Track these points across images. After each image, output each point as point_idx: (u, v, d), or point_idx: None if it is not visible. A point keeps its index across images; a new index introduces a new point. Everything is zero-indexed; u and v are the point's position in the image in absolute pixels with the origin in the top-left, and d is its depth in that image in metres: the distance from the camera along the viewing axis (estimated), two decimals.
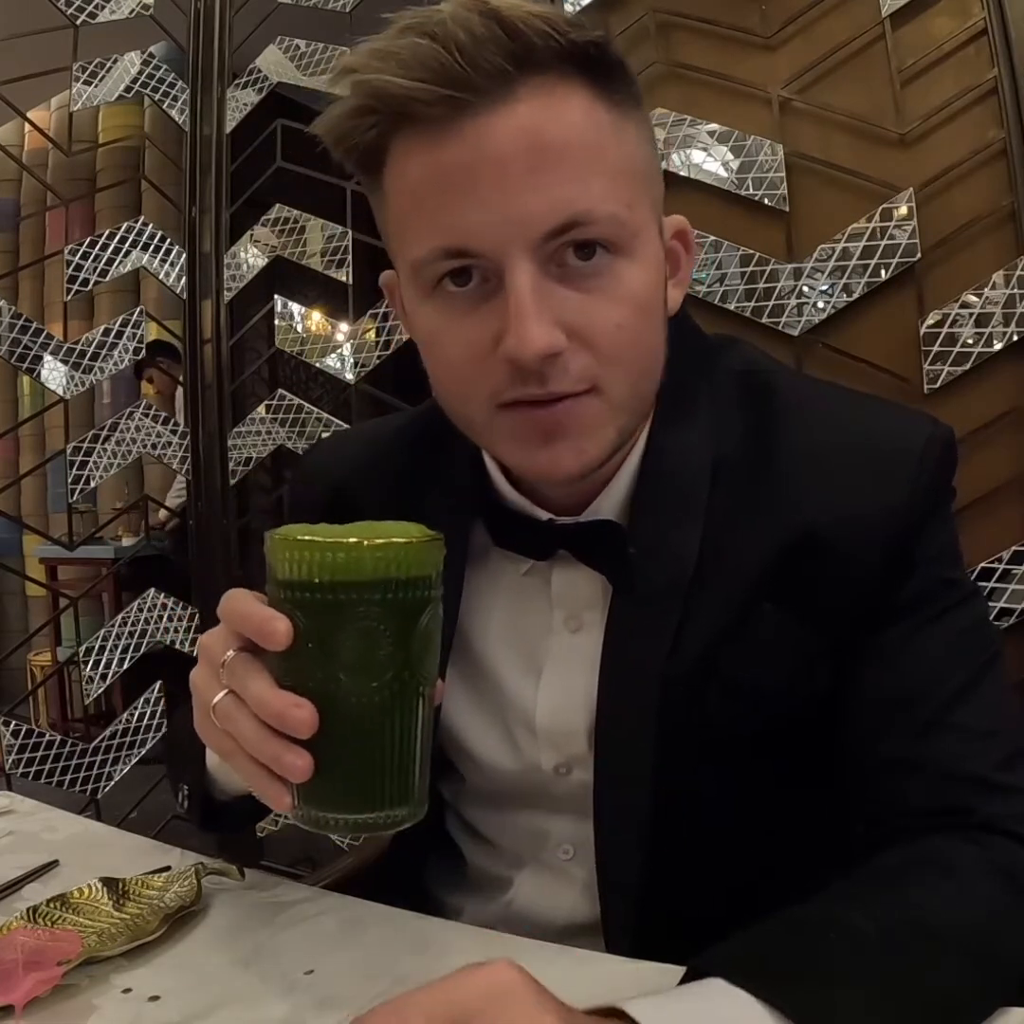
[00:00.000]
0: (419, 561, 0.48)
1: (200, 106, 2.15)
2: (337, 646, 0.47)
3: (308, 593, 0.47)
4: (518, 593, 0.70)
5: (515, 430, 0.58)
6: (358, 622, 0.47)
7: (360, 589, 0.46)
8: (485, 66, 0.52)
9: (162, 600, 2.16)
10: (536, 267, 0.55)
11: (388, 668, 0.47)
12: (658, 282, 0.60)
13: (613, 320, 0.57)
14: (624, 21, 1.70)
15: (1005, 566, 1.43)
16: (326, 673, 0.47)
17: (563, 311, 0.55)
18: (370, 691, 0.47)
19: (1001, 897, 0.54)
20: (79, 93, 2.14)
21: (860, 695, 0.63)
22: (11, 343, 2.09)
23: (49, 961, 0.55)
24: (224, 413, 2.13)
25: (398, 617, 0.47)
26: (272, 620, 0.47)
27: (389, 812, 0.49)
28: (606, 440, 0.60)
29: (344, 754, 0.48)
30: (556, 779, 0.70)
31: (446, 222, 0.55)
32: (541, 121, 0.53)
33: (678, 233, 0.65)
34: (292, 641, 0.47)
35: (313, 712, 0.47)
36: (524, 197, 0.53)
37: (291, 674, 0.48)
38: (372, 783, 0.48)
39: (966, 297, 1.46)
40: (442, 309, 0.58)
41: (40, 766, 2.03)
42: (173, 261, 2.17)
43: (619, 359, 0.58)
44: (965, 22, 1.46)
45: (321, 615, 0.47)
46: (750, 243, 1.59)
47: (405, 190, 0.57)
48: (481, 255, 0.55)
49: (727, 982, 0.43)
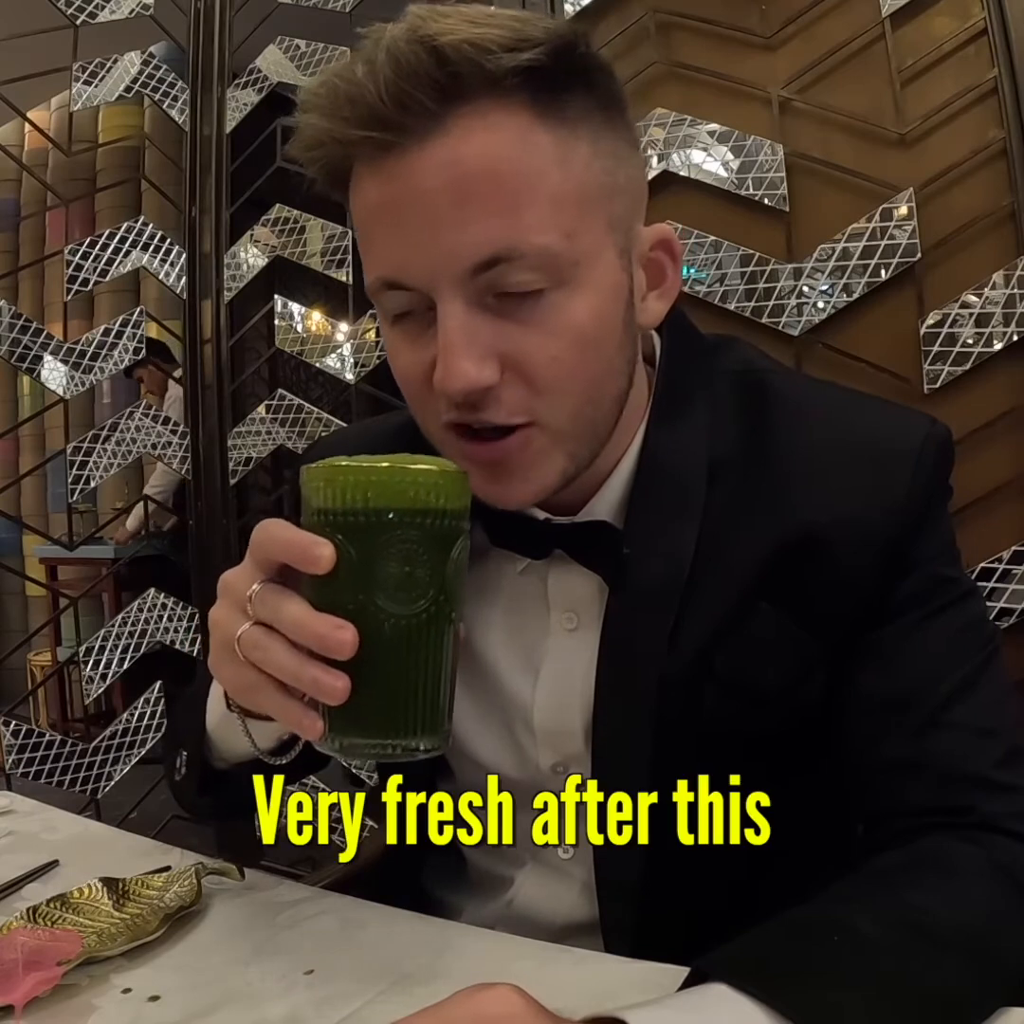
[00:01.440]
0: (455, 490, 0.49)
1: (200, 106, 2.15)
2: (377, 569, 0.48)
3: (350, 517, 0.48)
4: (515, 592, 0.70)
5: (463, 455, 0.59)
6: (398, 544, 0.48)
7: (401, 512, 0.48)
8: (411, 105, 0.52)
9: (162, 600, 2.16)
10: (468, 300, 0.55)
11: (425, 592, 0.48)
12: (609, 308, 0.58)
13: (548, 353, 0.56)
14: (624, 21, 1.70)
15: (1005, 566, 1.43)
16: (365, 596, 0.48)
17: (497, 343, 0.55)
18: (407, 614, 0.48)
19: (1001, 897, 0.54)
20: (79, 93, 2.14)
21: (858, 694, 0.63)
22: (11, 343, 2.09)
23: (49, 961, 0.55)
24: (224, 413, 2.13)
25: (436, 542, 0.49)
26: (316, 543, 0.48)
27: (417, 740, 0.49)
28: (555, 469, 0.60)
29: (378, 678, 0.49)
30: (554, 778, 0.70)
31: (383, 255, 0.56)
32: (467, 154, 0.52)
33: (661, 243, 0.62)
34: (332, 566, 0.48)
35: (355, 633, 0.47)
36: (449, 233, 0.53)
37: (326, 600, 0.49)
38: (403, 708, 0.49)
39: (966, 297, 1.46)
40: (397, 333, 0.60)
41: (40, 766, 2.03)
42: (173, 261, 2.17)
43: (556, 391, 0.57)
44: (965, 22, 1.46)
45: (363, 538, 0.48)
46: (750, 243, 1.59)
47: (358, 217, 0.58)
48: (414, 288, 0.56)
49: (729, 987, 0.43)
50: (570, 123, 0.55)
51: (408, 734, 0.49)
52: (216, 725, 0.65)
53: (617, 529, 0.65)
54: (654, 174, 1.66)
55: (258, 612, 0.50)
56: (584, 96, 0.56)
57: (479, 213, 0.53)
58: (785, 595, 0.63)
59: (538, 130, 0.54)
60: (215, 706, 0.65)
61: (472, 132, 0.53)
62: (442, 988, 0.44)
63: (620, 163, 0.59)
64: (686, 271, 1.64)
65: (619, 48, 1.71)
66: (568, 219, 0.55)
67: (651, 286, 0.63)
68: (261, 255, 2.12)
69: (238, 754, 0.65)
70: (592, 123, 0.56)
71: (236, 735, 0.59)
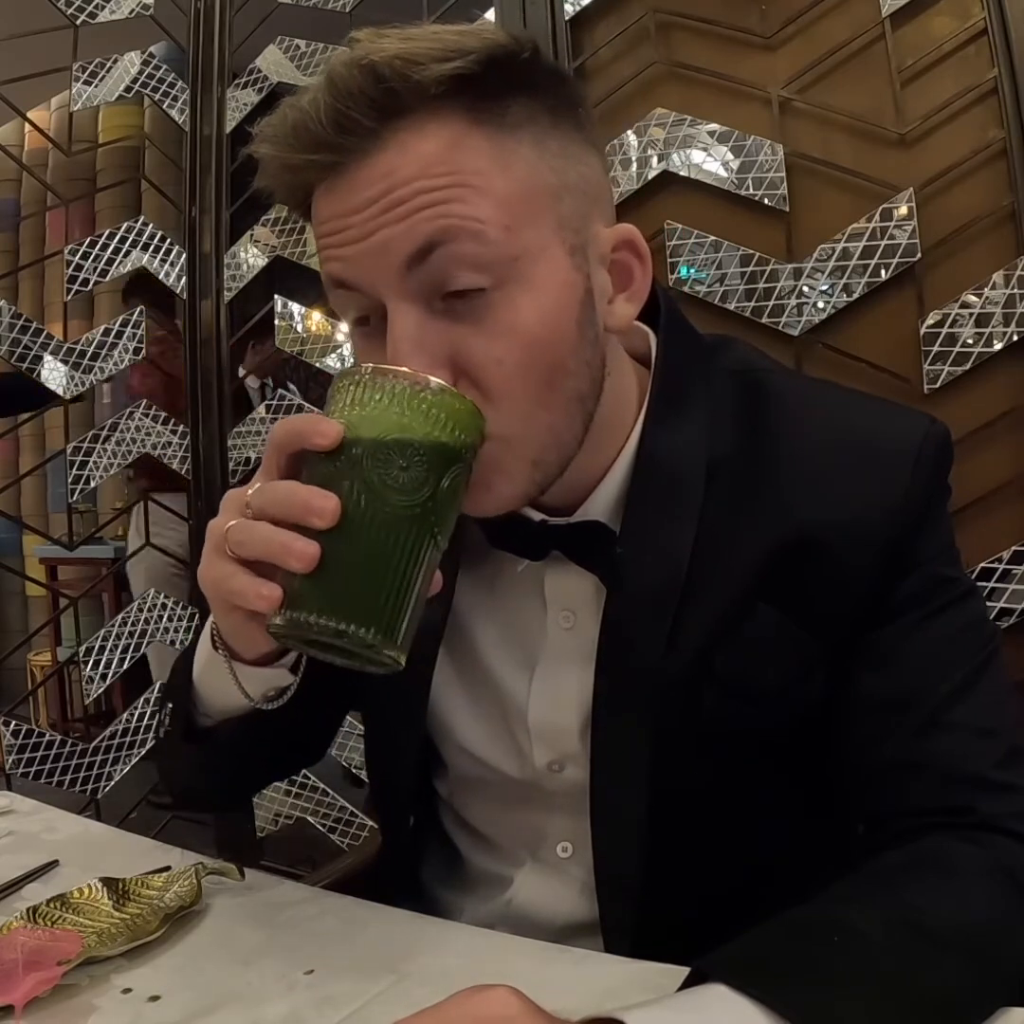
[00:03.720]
0: (465, 417, 0.52)
1: (200, 106, 2.14)
2: (375, 457, 0.50)
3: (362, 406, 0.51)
4: (513, 592, 0.70)
5: None
6: (400, 441, 0.50)
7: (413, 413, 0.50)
8: (349, 125, 0.54)
9: (162, 600, 2.16)
10: (416, 306, 0.55)
11: (415, 490, 0.50)
12: (559, 308, 0.57)
13: (493, 356, 0.55)
14: (624, 21, 1.70)
15: (1005, 566, 1.43)
16: (357, 479, 0.50)
17: (447, 349, 0.55)
18: (392, 504, 0.49)
19: (1001, 897, 0.54)
20: (79, 93, 2.14)
21: (858, 695, 0.63)
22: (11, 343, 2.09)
23: (49, 961, 0.55)
24: (224, 413, 2.13)
25: (438, 452, 0.50)
26: (323, 421, 0.51)
27: (370, 634, 0.49)
28: (520, 477, 0.59)
29: (347, 560, 0.49)
30: (549, 776, 0.70)
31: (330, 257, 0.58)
32: (401, 163, 0.54)
33: (625, 243, 0.61)
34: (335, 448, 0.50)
35: (338, 503, 0.49)
36: (383, 231, 0.54)
37: (320, 478, 0.51)
38: (365, 596, 0.49)
39: (966, 297, 1.46)
40: (359, 338, 0.61)
41: (40, 766, 2.03)
42: (173, 261, 2.17)
43: (505, 396, 0.56)
44: (965, 22, 1.46)
45: (369, 418, 0.50)
46: (750, 243, 1.59)
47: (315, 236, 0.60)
48: (357, 288, 0.57)
49: (728, 988, 0.43)
50: (509, 127, 0.56)
51: (363, 624, 0.49)
52: (202, 671, 0.65)
53: (610, 530, 0.65)
54: (654, 174, 1.66)
55: (253, 501, 0.52)
56: (527, 100, 0.57)
57: (411, 210, 0.54)
58: (784, 595, 0.63)
59: (474, 134, 0.55)
60: (202, 651, 0.64)
61: (408, 144, 0.54)
62: (442, 988, 0.44)
63: (570, 162, 0.59)
64: (686, 271, 1.64)
65: (619, 48, 1.71)
66: (507, 215, 0.55)
67: (618, 288, 0.62)
68: (261, 255, 2.12)
69: (224, 707, 0.64)
70: (538, 125, 0.57)
71: (222, 681, 0.60)
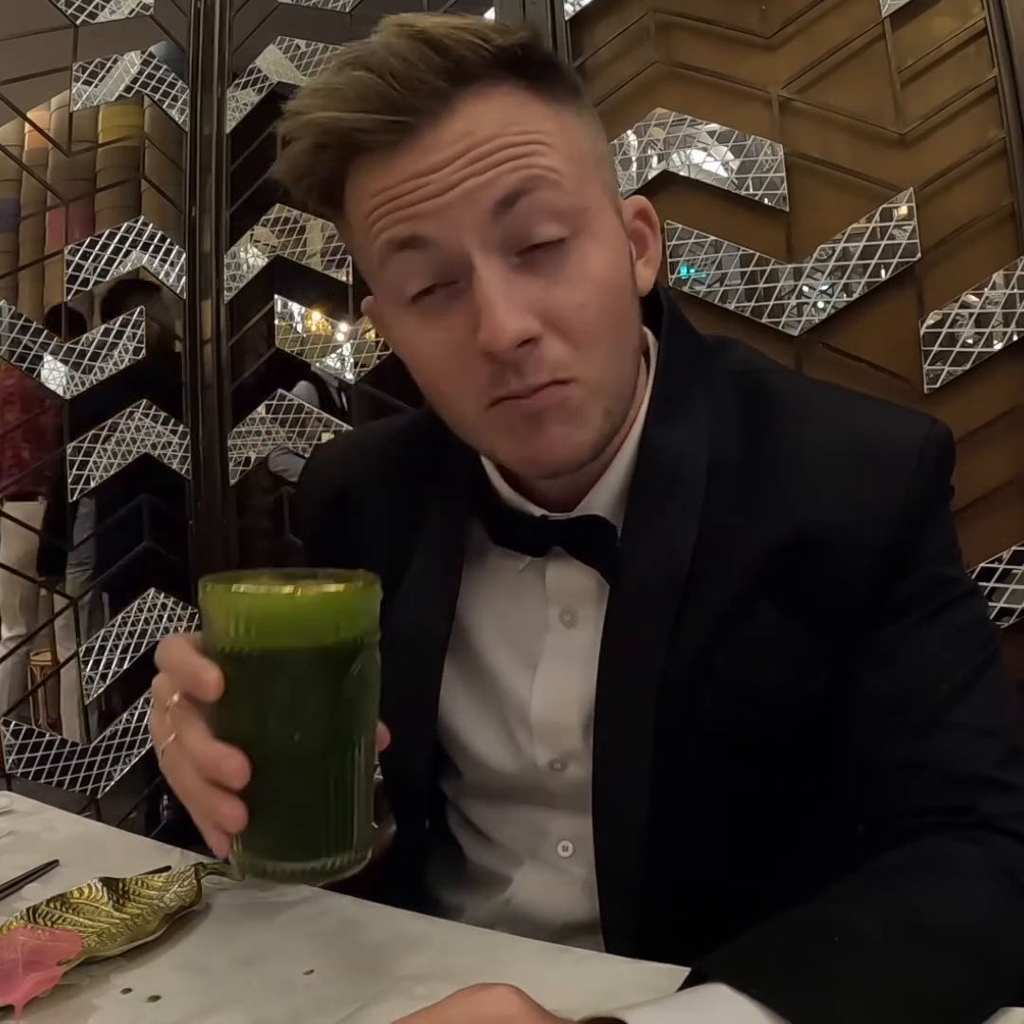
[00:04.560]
0: (349, 610, 0.48)
1: (200, 106, 2.15)
2: (266, 697, 0.47)
3: (236, 645, 0.47)
4: (515, 589, 0.70)
5: (504, 424, 0.60)
6: (286, 674, 0.47)
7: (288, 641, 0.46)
8: (421, 88, 0.54)
9: (162, 600, 2.16)
10: (498, 258, 0.56)
11: (318, 718, 0.47)
12: (621, 261, 0.62)
13: (577, 301, 0.58)
14: (624, 21, 1.70)
15: (1005, 566, 1.43)
16: (256, 723, 0.47)
17: (530, 298, 0.57)
18: (301, 741, 0.47)
19: (1002, 897, 0.53)
20: (79, 93, 2.14)
21: (859, 694, 0.63)
22: (11, 343, 2.09)
23: (49, 961, 0.55)
24: (224, 413, 2.13)
25: (328, 667, 0.47)
26: (203, 671, 0.48)
27: (327, 860, 0.48)
28: (594, 424, 0.60)
29: (279, 803, 0.48)
30: (551, 775, 0.70)
31: (396, 220, 0.57)
32: (477, 125, 0.56)
33: (640, 213, 0.66)
34: (224, 690, 0.47)
35: (244, 763, 0.47)
36: (466, 183, 0.55)
37: (225, 722, 0.48)
38: (307, 832, 0.48)
39: (966, 297, 1.46)
40: (418, 317, 0.60)
41: (40, 766, 2.03)
42: (173, 261, 2.17)
43: (590, 341, 0.59)
44: (965, 22, 1.46)
45: (249, 666, 0.47)
46: (750, 243, 1.59)
47: (361, 211, 0.59)
48: (432, 240, 0.56)
49: (729, 988, 0.43)
50: (557, 99, 0.59)
51: (314, 856, 0.48)
52: None
53: (611, 525, 0.65)
54: (654, 174, 1.66)
55: (173, 728, 0.51)
56: (561, 78, 0.60)
57: (496, 162, 0.56)
58: (785, 595, 0.63)
59: (536, 103, 0.58)
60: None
61: (478, 108, 0.56)
62: (442, 988, 0.44)
63: (599, 137, 0.64)
64: (686, 271, 1.64)
65: (619, 48, 1.71)
66: (573, 173, 0.58)
67: (638, 254, 0.66)
68: (261, 255, 2.12)
69: None
70: (573, 101, 0.61)
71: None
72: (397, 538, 0.75)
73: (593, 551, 0.66)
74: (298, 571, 0.52)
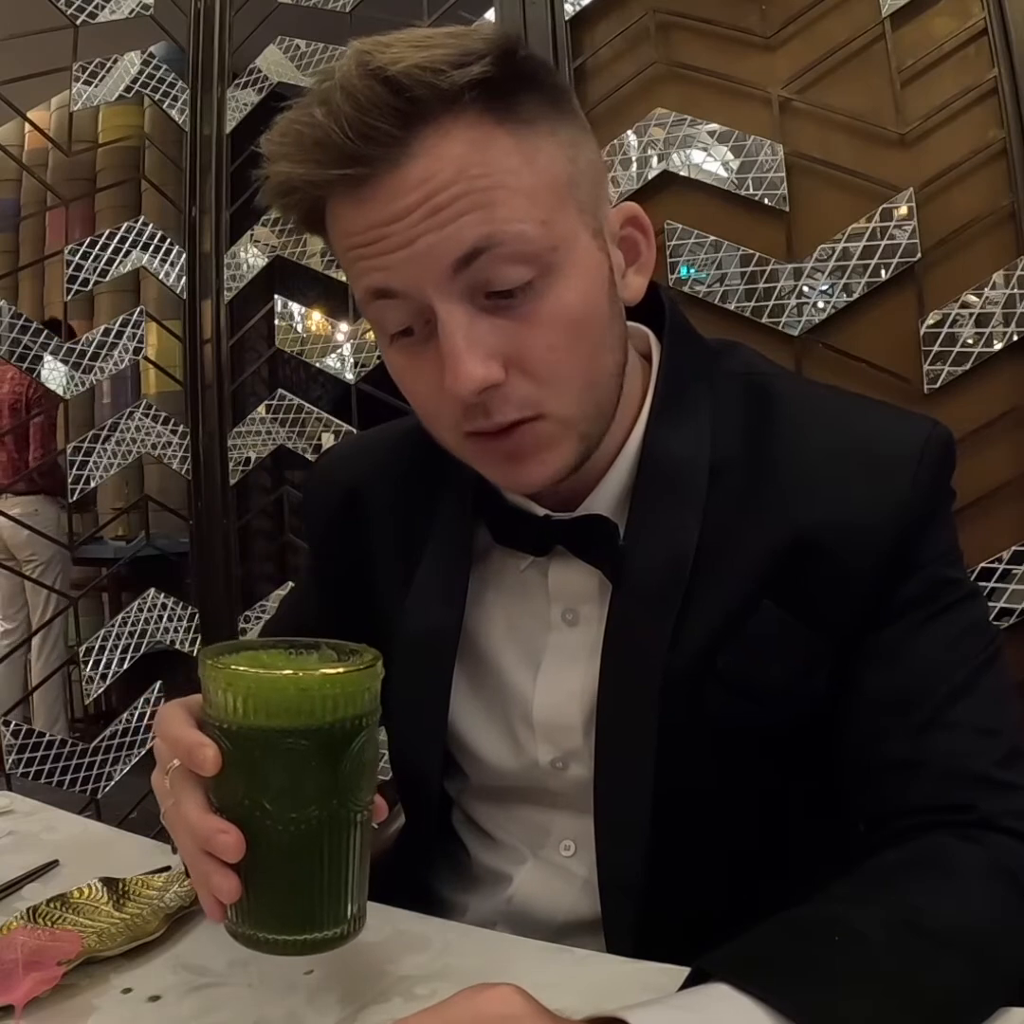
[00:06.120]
0: (348, 692, 0.48)
1: (200, 106, 2.15)
2: (262, 775, 0.47)
3: (234, 724, 0.47)
4: (518, 589, 0.71)
5: (481, 456, 0.62)
6: (283, 754, 0.46)
7: (286, 721, 0.46)
8: (376, 136, 0.54)
9: (162, 600, 2.16)
10: (463, 303, 0.56)
11: (315, 798, 0.47)
12: (595, 289, 0.60)
13: (545, 342, 0.57)
14: (624, 21, 1.70)
15: (1005, 566, 1.43)
16: (252, 800, 0.47)
17: (495, 343, 0.57)
18: (296, 820, 0.47)
19: (1002, 897, 0.53)
20: (79, 93, 2.14)
21: (860, 694, 0.63)
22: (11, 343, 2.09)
23: (49, 961, 0.55)
24: (224, 413, 2.13)
25: (326, 748, 0.47)
26: (199, 747, 0.48)
27: (320, 934, 0.48)
28: (569, 450, 0.61)
29: (273, 878, 0.48)
30: (553, 774, 0.70)
31: (368, 268, 0.58)
32: (437, 168, 0.54)
33: (631, 220, 0.65)
34: (222, 764, 0.47)
35: (239, 838, 0.47)
36: (427, 237, 0.55)
37: (222, 795, 0.48)
38: (301, 907, 0.48)
39: (966, 297, 1.46)
40: (398, 353, 0.61)
41: (40, 766, 2.04)
42: (173, 261, 2.17)
43: (558, 380, 0.58)
44: (965, 22, 1.46)
45: (246, 743, 0.47)
46: (750, 243, 1.60)
47: (340, 246, 0.60)
48: (402, 294, 0.57)
49: (730, 987, 0.43)
50: (526, 122, 0.57)
51: (307, 930, 0.48)
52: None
53: (613, 524, 0.65)
54: (654, 174, 1.66)
55: (172, 792, 0.51)
56: (534, 95, 0.58)
57: (455, 215, 0.54)
58: (788, 594, 0.63)
59: (499, 134, 0.56)
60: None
61: (438, 149, 0.55)
62: (442, 988, 0.44)
63: (578, 149, 0.61)
64: (686, 271, 1.65)
65: (619, 48, 1.71)
66: (542, 209, 0.57)
67: (628, 262, 0.65)
68: (261, 255, 2.12)
69: None
70: (547, 118, 0.59)
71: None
72: (405, 539, 0.75)
73: (595, 550, 0.66)
74: (300, 641, 0.53)
